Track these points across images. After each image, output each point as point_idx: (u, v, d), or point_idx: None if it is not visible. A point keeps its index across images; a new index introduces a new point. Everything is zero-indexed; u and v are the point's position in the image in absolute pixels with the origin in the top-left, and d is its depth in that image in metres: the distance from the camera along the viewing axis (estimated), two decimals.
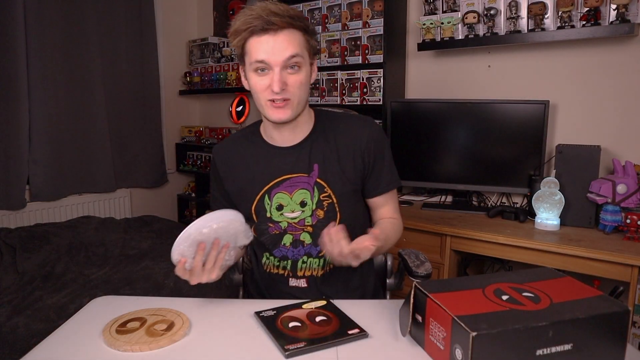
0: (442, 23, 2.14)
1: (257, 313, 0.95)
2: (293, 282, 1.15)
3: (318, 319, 0.93)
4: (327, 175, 1.12)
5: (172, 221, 3.04)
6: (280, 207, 1.13)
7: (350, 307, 1.00)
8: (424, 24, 2.19)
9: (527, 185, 2.01)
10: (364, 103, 2.38)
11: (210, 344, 0.87)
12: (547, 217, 1.83)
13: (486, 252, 1.84)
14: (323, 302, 0.99)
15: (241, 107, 3.38)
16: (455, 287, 0.84)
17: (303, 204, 1.12)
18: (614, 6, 1.73)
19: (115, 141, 3.14)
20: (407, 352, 0.83)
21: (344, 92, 2.46)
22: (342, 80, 2.46)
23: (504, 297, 0.79)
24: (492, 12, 2.00)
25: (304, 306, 0.97)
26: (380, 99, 2.32)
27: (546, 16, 1.90)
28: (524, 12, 1.95)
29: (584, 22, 1.80)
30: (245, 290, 1.37)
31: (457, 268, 2.06)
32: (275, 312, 0.96)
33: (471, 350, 0.68)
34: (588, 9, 1.78)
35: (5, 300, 1.83)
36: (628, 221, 1.68)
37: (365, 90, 2.37)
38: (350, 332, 0.88)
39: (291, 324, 0.91)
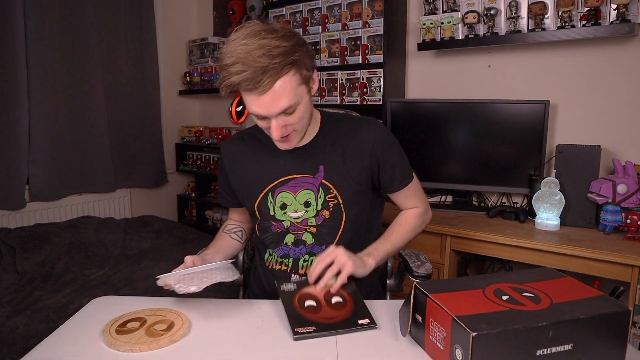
0: (442, 23, 2.14)
1: (279, 284, 0.98)
2: (295, 278, 1.16)
3: (334, 300, 0.94)
4: (332, 176, 1.13)
5: (172, 221, 3.04)
6: (283, 206, 1.15)
7: None
8: (424, 24, 2.19)
9: (527, 185, 2.01)
10: (364, 103, 2.38)
11: (210, 344, 0.87)
12: (547, 217, 1.82)
13: (486, 252, 1.83)
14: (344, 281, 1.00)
15: (241, 107, 3.38)
16: (455, 287, 0.84)
17: (307, 204, 1.14)
18: (614, 6, 1.73)
19: (115, 141, 3.14)
20: (407, 352, 0.83)
21: (344, 92, 2.46)
22: (342, 80, 2.46)
23: (504, 297, 0.79)
24: (492, 12, 2.00)
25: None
26: (380, 99, 2.32)
27: (546, 16, 1.90)
28: (524, 12, 1.95)
29: (584, 22, 1.80)
30: (246, 290, 1.37)
31: (457, 268, 2.06)
32: (295, 286, 0.98)
33: (471, 351, 0.68)
34: (588, 8, 1.78)
35: (5, 300, 1.83)
36: (628, 221, 1.68)
37: (365, 90, 2.37)
38: (360, 321, 0.90)
39: (307, 303, 0.92)
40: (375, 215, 1.29)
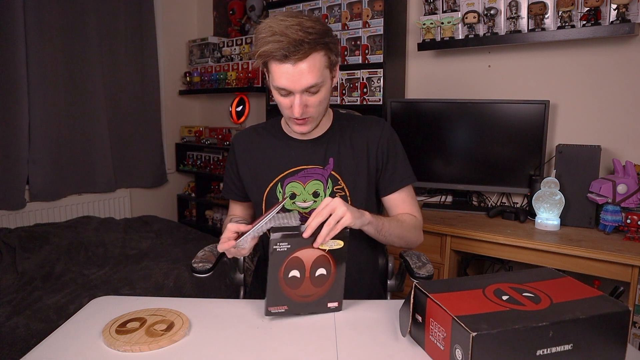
0: (442, 23, 2.14)
1: (274, 241, 0.91)
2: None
3: (318, 272, 0.94)
4: (341, 168, 1.18)
5: (172, 221, 3.04)
6: (293, 196, 1.18)
7: (351, 307, 1.00)
8: (424, 24, 2.19)
9: (527, 185, 2.01)
10: (364, 103, 2.38)
11: (210, 344, 0.87)
12: (547, 217, 1.82)
13: (486, 252, 1.83)
14: (340, 244, 0.96)
15: (241, 107, 3.38)
16: (455, 287, 0.83)
17: (316, 195, 1.17)
18: (614, 6, 1.73)
19: (115, 141, 3.14)
20: (407, 352, 0.83)
21: (344, 92, 2.46)
22: (342, 80, 2.46)
23: (504, 297, 0.79)
24: (492, 12, 2.00)
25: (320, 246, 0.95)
26: (380, 99, 2.32)
27: (546, 16, 1.90)
28: (524, 12, 1.95)
29: (584, 22, 1.80)
30: (246, 290, 1.38)
31: (457, 268, 2.06)
32: (289, 246, 0.92)
33: (471, 351, 0.68)
34: (588, 8, 1.78)
35: (5, 301, 1.83)
36: (628, 221, 1.68)
37: (365, 90, 2.37)
38: (329, 305, 0.96)
39: (291, 273, 0.92)
40: (377, 213, 1.29)
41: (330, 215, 0.94)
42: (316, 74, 1.02)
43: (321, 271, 0.95)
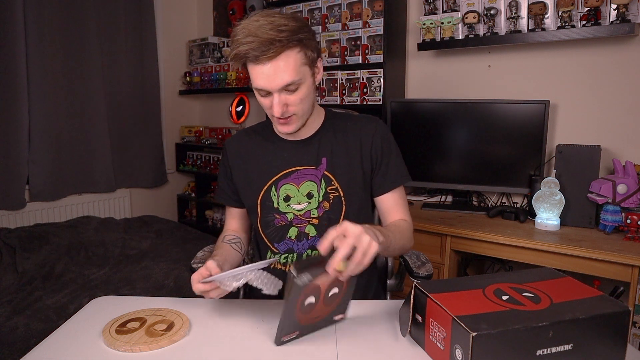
0: (442, 23, 2.14)
1: (297, 272, 0.81)
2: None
3: (331, 292, 0.90)
4: (334, 168, 1.16)
5: (172, 221, 3.04)
6: (287, 198, 1.16)
7: (351, 307, 1.00)
8: (424, 24, 2.19)
9: (527, 185, 2.01)
10: (364, 103, 2.38)
11: (210, 344, 0.87)
12: (547, 217, 1.82)
13: (486, 252, 1.83)
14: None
15: (241, 107, 3.38)
16: (455, 287, 0.83)
17: (310, 196, 1.15)
18: (614, 6, 1.73)
19: (115, 141, 3.14)
20: (407, 352, 0.83)
21: (344, 92, 2.46)
22: (342, 80, 2.46)
23: (504, 297, 0.79)
24: (492, 12, 2.00)
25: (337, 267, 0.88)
26: (380, 99, 2.32)
27: (546, 16, 1.90)
28: (524, 12, 1.95)
29: (584, 22, 1.80)
30: (246, 291, 1.37)
31: (457, 268, 2.06)
32: (310, 277, 0.83)
33: (471, 351, 0.68)
34: (588, 8, 1.78)
35: (5, 301, 1.83)
36: (628, 221, 1.68)
37: (365, 90, 2.37)
38: (335, 318, 0.94)
39: (308, 301, 0.87)
40: (371, 215, 1.29)
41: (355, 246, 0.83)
42: (291, 72, 1.00)
43: (334, 290, 0.92)
